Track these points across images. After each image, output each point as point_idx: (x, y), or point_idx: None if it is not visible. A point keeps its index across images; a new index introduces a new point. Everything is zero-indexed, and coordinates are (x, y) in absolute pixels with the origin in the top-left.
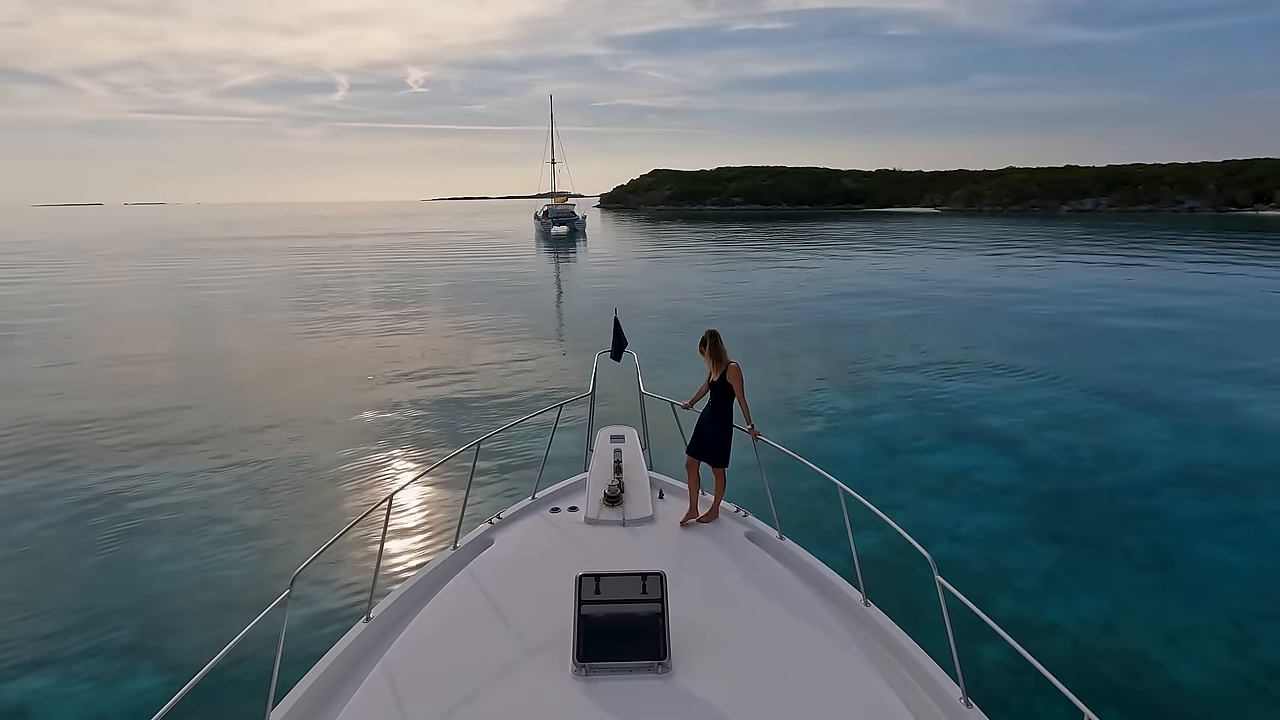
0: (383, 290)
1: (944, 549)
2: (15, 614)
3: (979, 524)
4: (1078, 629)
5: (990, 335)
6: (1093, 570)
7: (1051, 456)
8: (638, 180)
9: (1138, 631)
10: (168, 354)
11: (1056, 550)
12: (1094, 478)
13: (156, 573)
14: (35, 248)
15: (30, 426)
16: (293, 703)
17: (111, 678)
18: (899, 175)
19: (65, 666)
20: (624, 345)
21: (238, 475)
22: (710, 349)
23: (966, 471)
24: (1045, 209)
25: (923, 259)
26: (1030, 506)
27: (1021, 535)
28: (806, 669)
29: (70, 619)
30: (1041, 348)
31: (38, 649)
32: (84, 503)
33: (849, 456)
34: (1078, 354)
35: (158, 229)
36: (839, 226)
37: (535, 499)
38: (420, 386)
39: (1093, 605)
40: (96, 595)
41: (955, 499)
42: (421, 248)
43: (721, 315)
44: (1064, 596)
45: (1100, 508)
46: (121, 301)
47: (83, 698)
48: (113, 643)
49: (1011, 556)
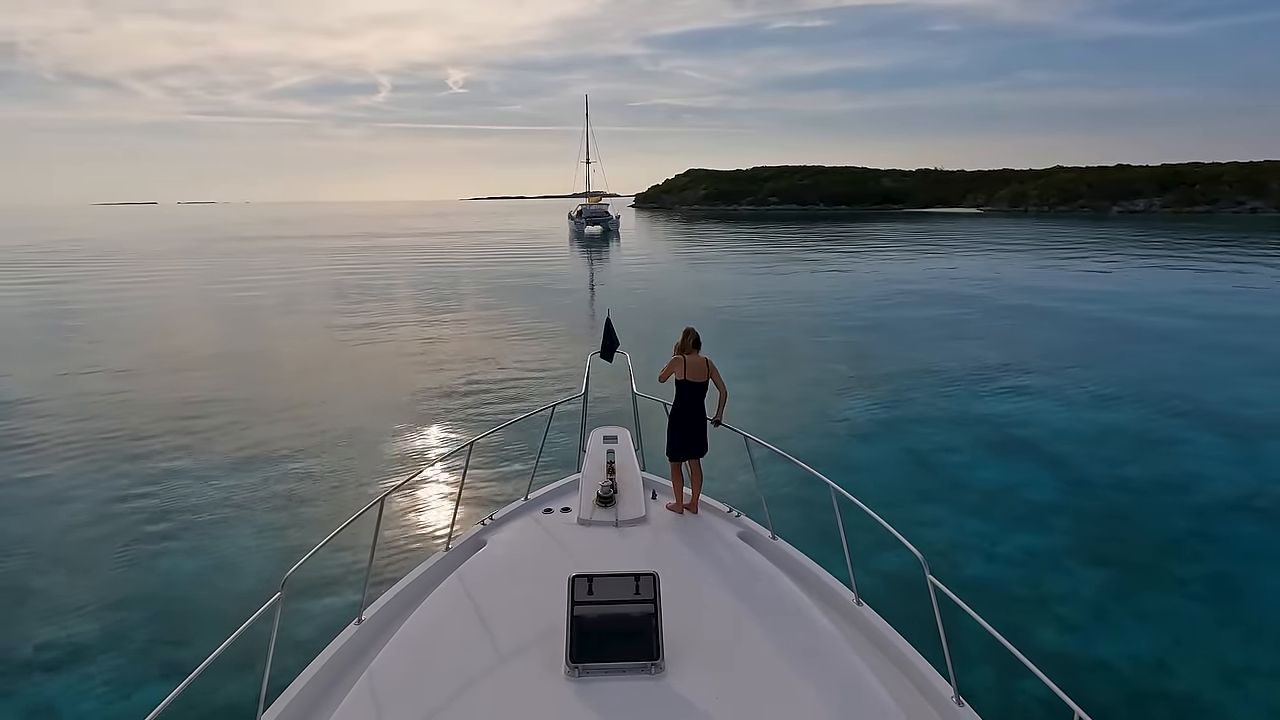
0: (405, 290)
1: (979, 570)
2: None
3: (1019, 544)
4: (1126, 665)
5: (1036, 342)
6: (1143, 600)
7: (1100, 474)
8: (673, 180)
9: (1193, 670)
10: (165, 350)
11: (1103, 576)
12: (1146, 499)
13: (147, 572)
14: (90, 245)
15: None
16: (284, 705)
17: (101, 677)
18: (940, 175)
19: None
20: (615, 346)
21: (229, 475)
22: (695, 347)
23: (1007, 488)
24: (1095, 210)
25: (965, 261)
26: (1075, 527)
27: (1065, 558)
28: (799, 669)
29: (41, 623)
30: (1092, 356)
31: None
32: (52, 503)
33: (878, 466)
34: (1133, 364)
35: (202, 227)
36: (878, 227)
37: (528, 500)
38: (421, 386)
39: (1143, 638)
40: (83, 592)
41: (993, 517)
42: (454, 247)
43: (752, 317)
44: (1111, 628)
45: (1153, 531)
46: (140, 300)
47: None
48: (101, 641)
49: (1054, 581)
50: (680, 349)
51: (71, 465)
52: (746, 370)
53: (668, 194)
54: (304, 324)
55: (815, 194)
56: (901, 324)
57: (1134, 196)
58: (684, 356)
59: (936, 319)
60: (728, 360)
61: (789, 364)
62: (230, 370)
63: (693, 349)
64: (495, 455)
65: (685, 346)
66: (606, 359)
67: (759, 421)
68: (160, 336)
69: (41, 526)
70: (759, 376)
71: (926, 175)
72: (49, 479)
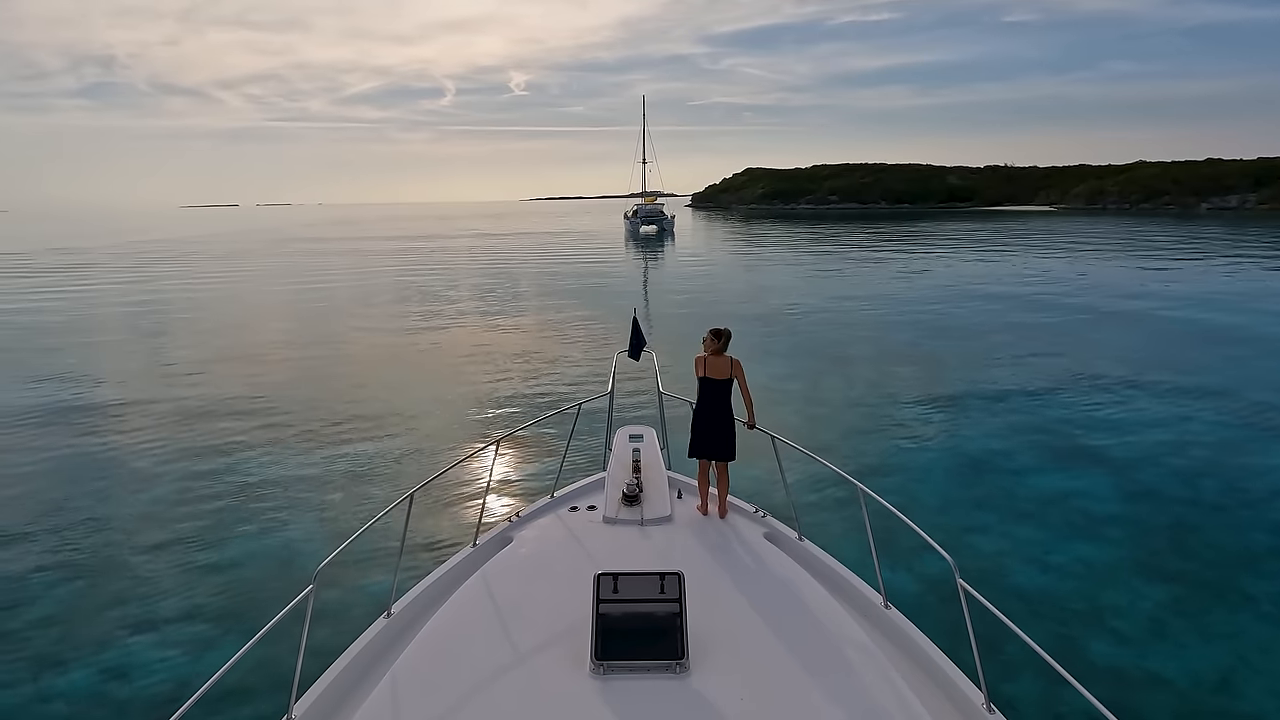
0: (454, 289)
1: (1029, 578)
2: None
3: (1075, 554)
4: (1185, 682)
5: (1110, 346)
6: (1208, 616)
7: (1169, 485)
8: (730, 179)
9: (1260, 691)
10: (203, 346)
11: (1166, 590)
12: (1220, 513)
13: (184, 564)
14: (178, 244)
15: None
16: (315, 696)
17: (178, 635)
18: (1010, 171)
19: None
20: (642, 345)
21: (262, 471)
22: (724, 346)
23: (1066, 495)
24: (1180, 207)
25: (1036, 261)
26: (1139, 539)
27: (1125, 570)
28: (825, 671)
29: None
30: (1172, 362)
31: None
32: (135, 479)
33: (929, 470)
34: (1219, 371)
35: (275, 228)
36: (942, 226)
37: (554, 498)
38: (455, 383)
39: (1205, 656)
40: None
41: (1050, 525)
42: (510, 248)
43: (804, 318)
44: (1171, 643)
45: (1223, 546)
46: (208, 296)
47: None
48: (137, 624)
49: (1111, 593)
50: (707, 347)
51: (141, 443)
52: (797, 372)
53: (725, 193)
54: (353, 322)
55: (877, 192)
56: (968, 327)
57: (1225, 193)
58: (707, 354)
59: (1006, 324)
60: (778, 363)
61: (843, 365)
62: (277, 364)
63: (718, 347)
64: (522, 452)
65: (711, 344)
66: (633, 358)
67: (808, 425)
68: (200, 334)
69: (124, 500)
70: (811, 379)
71: (996, 172)
72: (131, 458)
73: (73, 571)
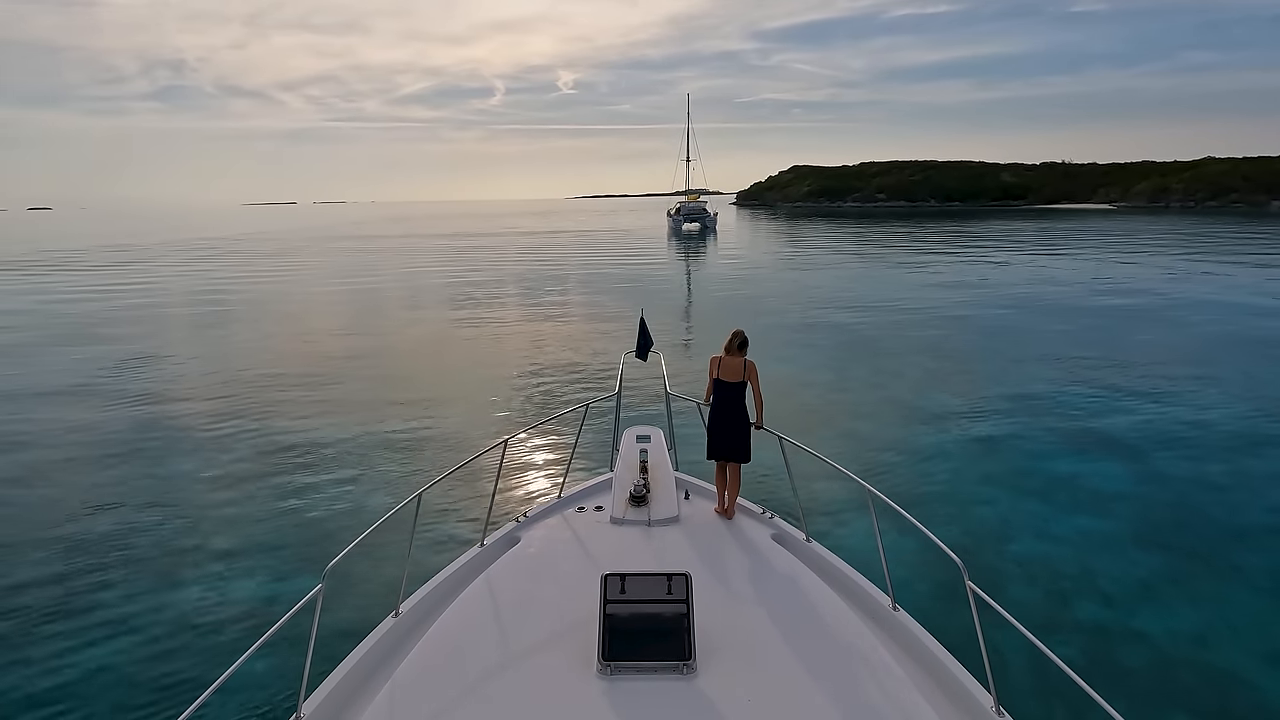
0: (493, 286)
1: (1025, 546)
2: None
3: (1074, 525)
4: (1164, 638)
5: (1158, 348)
6: (1196, 583)
7: (1177, 469)
8: (776, 177)
9: (1233, 648)
10: (227, 342)
11: (1159, 559)
12: (1222, 494)
13: (196, 560)
14: (240, 241)
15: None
16: (324, 695)
17: (258, 568)
18: (1068, 168)
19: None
20: (649, 345)
21: (272, 469)
22: (739, 349)
23: (1073, 476)
24: (1250, 204)
25: (1093, 263)
26: (1139, 514)
27: (1122, 541)
28: (832, 673)
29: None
30: (1227, 370)
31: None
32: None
33: (943, 473)
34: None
35: (330, 225)
36: (993, 225)
37: (561, 498)
38: (468, 382)
39: (1188, 617)
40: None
41: (1054, 501)
42: (554, 246)
43: (844, 319)
44: (1157, 605)
45: (1220, 522)
46: (259, 289)
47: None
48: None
49: (1105, 560)
50: (725, 349)
51: (140, 442)
52: (820, 371)
53: (770, 191)
54: (394, 317)
55: (926, 190)
56: (1017, 333)
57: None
58: (722, 356)
59: (1055, 331)
60: (799, 362)
61: (870, 368)
62: (294, 360)
63: (736, 350)
64: (530, 452)
65: (728, 347)
66: (641, 358)
67: (821, 426)
68: (211, 329)
69: (124, 500)
70: (834, 379)
71: (1052, 169)
72: (190, 433)
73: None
